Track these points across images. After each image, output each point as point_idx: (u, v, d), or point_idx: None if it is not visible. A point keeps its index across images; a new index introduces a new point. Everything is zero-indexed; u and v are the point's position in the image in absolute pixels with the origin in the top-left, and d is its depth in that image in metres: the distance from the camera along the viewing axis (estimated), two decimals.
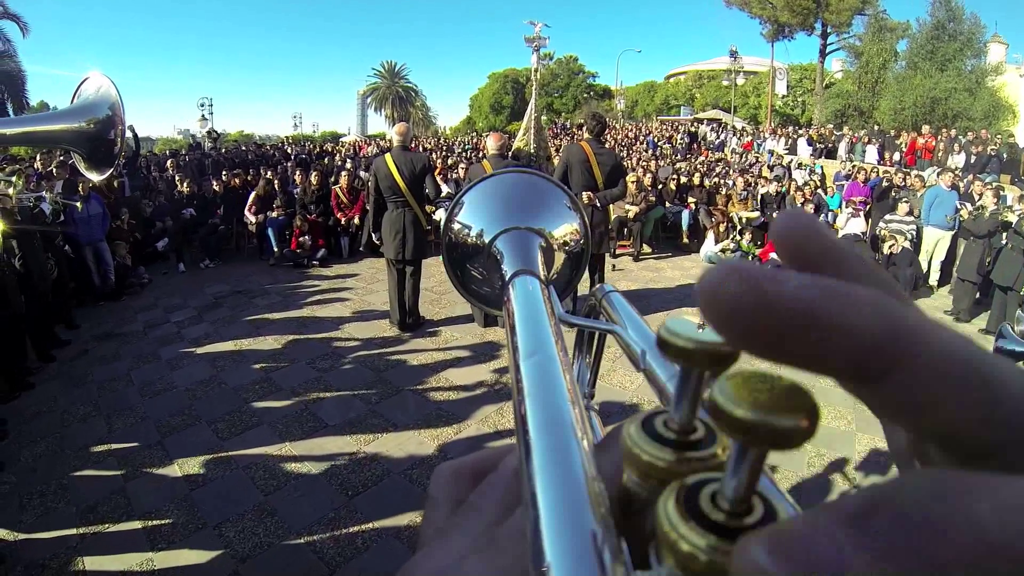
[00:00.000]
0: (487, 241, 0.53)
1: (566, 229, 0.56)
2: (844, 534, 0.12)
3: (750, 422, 0.14)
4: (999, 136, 17.26)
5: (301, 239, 7.91)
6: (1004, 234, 6.33)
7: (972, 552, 0.10)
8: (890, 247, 7.21)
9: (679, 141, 23.03)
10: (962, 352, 0.14)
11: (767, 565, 0.12)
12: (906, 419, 0.15)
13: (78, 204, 5.40)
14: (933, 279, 7.80)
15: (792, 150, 18.23)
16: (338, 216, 8.35)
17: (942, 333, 0.14)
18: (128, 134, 1.78)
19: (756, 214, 8.67)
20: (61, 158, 7.80)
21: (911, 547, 0.11)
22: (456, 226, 0.57)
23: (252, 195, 8.39)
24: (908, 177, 10.22)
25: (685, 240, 9.27)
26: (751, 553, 0.12)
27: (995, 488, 0.11)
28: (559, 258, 0.55)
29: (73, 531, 2.84)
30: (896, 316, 0.14)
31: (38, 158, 8.96)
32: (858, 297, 0.14)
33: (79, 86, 1.79)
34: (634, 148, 20.34)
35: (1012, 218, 6.45)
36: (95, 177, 1.86)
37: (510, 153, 6.07)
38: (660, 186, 9.87)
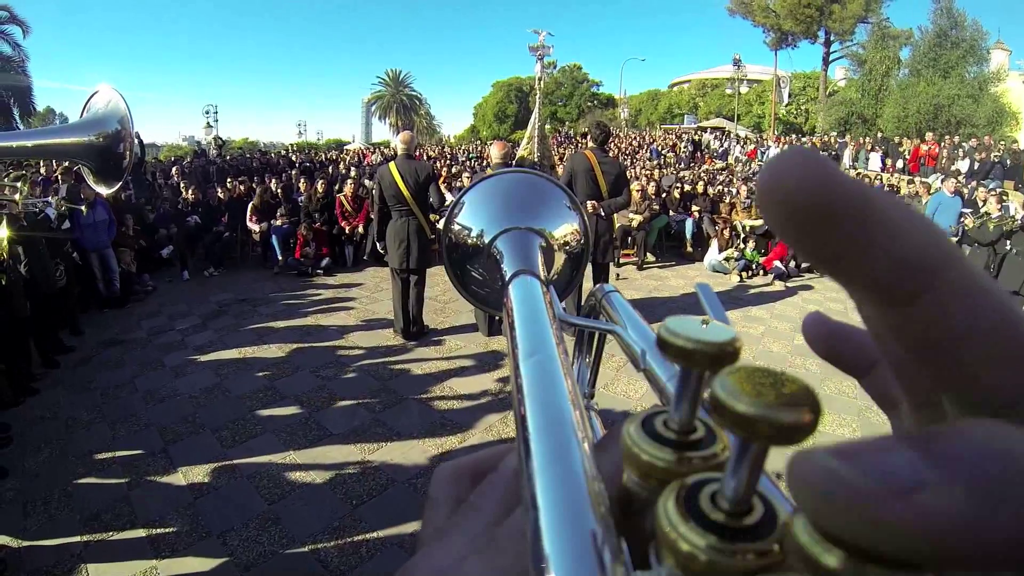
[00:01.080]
0: (487, 241, 0.53)
1: (566, 229, 0.56)
2: (914, 452, 0.11)
3: (751, 417, 0.14)
4: (1002, 142, 17.30)
5: (305, 248, 7.92)
6: (1008, 240, 6.31)
7: None
8: None
9: (683, 149, 23.14)
10: (997, 290, 0.14)
11: (837, 466, 0.11)
12: (932, 351, 0.14)
13: (83, 208, 5.43)
14: None
15: None
16: (342, 225, 8.36)
17: (981, 270, 0.14)
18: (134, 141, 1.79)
19: (760, 222, 8.62)
20: (66, 164, 7.83)
21: (984, 469, 0.11)
22: (456, 226, 0.57)
23: (250, 205, 8.41)
24: (912, 184, 10.20)
25: (689, 248, 9.27)
26: (815, 458, 0.12)
27: None
28: (559, 258, 0.55)
29: (77, 539, 2.83)
30: (946, 239, 0.14)
31: (41, 163, 8.99)
32: (913, 209, 0.14)
33: (88, 99, 1.80)
34: (638, 157, 20.43)
35: (1016, 226, 6.42)
36: (104, 191, 1.87)
37: (514, 162, 6.08)
38: (664, 195, 9.87)
